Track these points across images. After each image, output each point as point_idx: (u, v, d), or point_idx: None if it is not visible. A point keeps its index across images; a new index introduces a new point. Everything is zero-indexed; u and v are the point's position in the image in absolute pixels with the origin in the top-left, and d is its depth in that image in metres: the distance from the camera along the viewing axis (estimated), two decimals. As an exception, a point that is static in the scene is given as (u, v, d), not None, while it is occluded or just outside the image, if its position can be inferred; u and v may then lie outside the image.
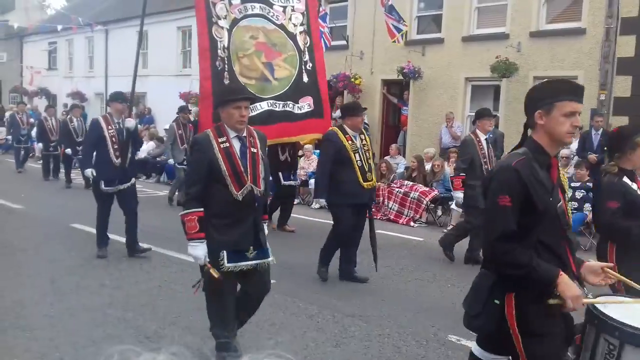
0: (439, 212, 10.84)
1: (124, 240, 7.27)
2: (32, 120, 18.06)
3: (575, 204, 8.74)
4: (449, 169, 11.17)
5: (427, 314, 5.32)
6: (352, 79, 14.44)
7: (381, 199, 10.83)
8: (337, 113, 14.87)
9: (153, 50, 21.65)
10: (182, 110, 11.75)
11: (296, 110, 8.20)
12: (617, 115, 11.03)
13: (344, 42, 15.29)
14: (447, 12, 13.52)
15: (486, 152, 7.18)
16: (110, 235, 8.06)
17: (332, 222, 6.38)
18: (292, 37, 8.22)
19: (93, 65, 24.62)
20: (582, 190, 8.82)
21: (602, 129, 10.12)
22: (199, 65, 7.77)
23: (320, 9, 14.53)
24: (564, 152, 10.27)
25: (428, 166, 11.27)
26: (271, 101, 7.93)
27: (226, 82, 7.46)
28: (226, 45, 7.65)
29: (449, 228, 9.78)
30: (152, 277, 6.15)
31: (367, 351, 4.40)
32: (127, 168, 6.87)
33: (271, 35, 8.09)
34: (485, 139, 7.30)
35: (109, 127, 6.70)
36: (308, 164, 12.68)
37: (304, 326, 4.88)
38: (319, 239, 8.52)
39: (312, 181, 11.94)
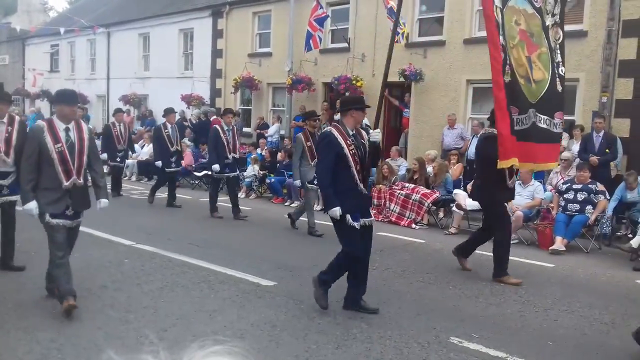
0: (441, 215, 10.84)
1: (126, 242, 7.30)
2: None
3: (577, 206, 8.73)
4: (451, 171, 11.19)
5: (428, 315, 5.32)
6: (354, 81, 14.45)
7: (383, 201, 10.84)
8: (338, 116, 14.88)
9: (155, 52, 21.69)
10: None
11: (554, 129, 6.58)
12: (619, 117, 11.03)
13: (345, 45, 15.31)
14: (448, 14, 13.53)
15: None
16: (112, 237, 8.08)
17: (331, 222, 6.32)
18: (545, 28, 6.56)
19: (95, 67, 24.67)
20: (584, 193, 8.80)
21: (603, 131, 10.12)
22: (492, 68, 5.95)
23: (321, 12, 14.60)
24: (565, 154, 10.28)
25: (429, 168, 11.27)
26: (533, 110, 6.30)
27: (506, 78, 5.92)
28: (501, 31, 5.98)
29: (450, 230, 9.79)
30: (154, 279, 6.15)
31: (369, 353, 4.39)
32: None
33: (530, 21, 6.41)
34: None
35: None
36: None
37: (306, 328, 4.88)
38: (319, 240, 8.54)
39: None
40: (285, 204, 12.34)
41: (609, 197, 8.95)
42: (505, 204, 6.96)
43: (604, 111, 10.78)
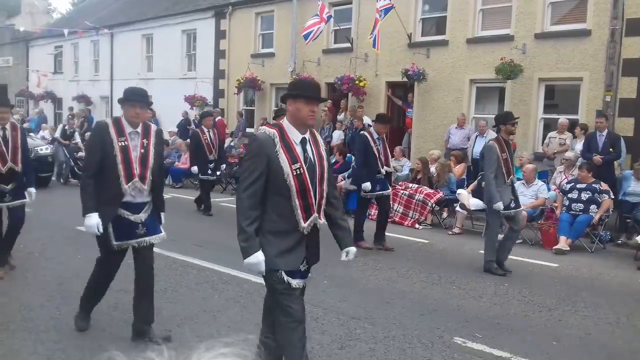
0: (444, 214, 10.83)
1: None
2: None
3: (581, 206, 8.71)
4: (454, 171, 11.17)
5: (432, 316, 5.31)
6: (357, 82, 14.45)
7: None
8: (342, 116, 14.92)
9: (158, 53, 21.74)
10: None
11: None
12: (623, 116, 11.00)
13: (348, 45, 15.31)
14: (451, 14, 13.52)
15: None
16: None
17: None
18: None
19: (98, 68, 24.73)
20: (588, 192, 8.78)
21: (607, 130, 10.09)
22: None
23: (325, 12, 14.59)
24: (568, 154, 10.27)
25: (432, 168, 11.26)
26: None
27: None
28: None
29: (454, 230, 9.77)
30: (157, 280, 6.13)
31: (373, 353, 4.39)
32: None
33: None
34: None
35: None
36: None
37: (309, 328, 4.86)
38: (322, 241, 8.53)
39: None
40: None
41: (613, 197, 8.93)
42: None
43: (607, 110, 10.75)
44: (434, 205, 10.40)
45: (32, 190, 6.26)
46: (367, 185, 8.09)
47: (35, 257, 6.82)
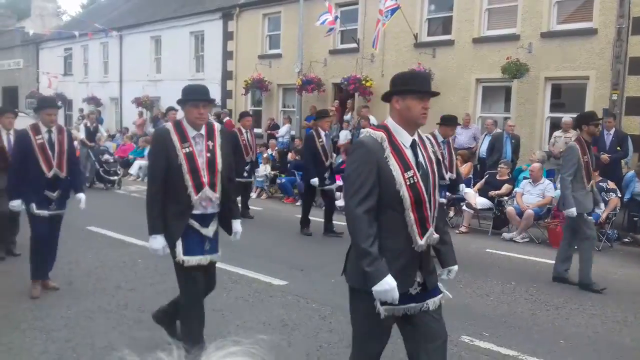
0: (451, 214, 10.83)
1: (139, 242, 7.37)
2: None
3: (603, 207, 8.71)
4: (461, 171, 11.17)
5: (439, 314, 5.33)
6: (363, 82, 14.48)
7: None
8: (349, 116, 14.96)
9: (166, 55, 21.86)
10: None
11: None
12: (630, 115, 10.96)
13: (354, 45, 15.34)
14: (457, 13, 13.52)
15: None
16: (126, 238, 8.17)
17: (342, 222, 6.40)
18: None
19: (108, 70, 24.89)
20: (595, 191, 8.77)
21: (614, 128, 10.07)
22: None
23: (332, 13, 14.64)
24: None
25: (440, 168, 11.26)
26: None
27: None
28: None
29: (461, 229, 9.78)
30: (167, 279, 6.21)
31: (379, 351, 4.42)
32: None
33: None
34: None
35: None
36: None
37: (317, 327, 4.92)
38: (330, 240, 8.58)
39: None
40: (297, 204, 12.39)
41: (620, 195, 8.92)
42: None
43: (614, 109, 10.72)
44: (441, 204, 10.40)
45: (82, 196, 5.83)
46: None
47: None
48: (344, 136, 14.30)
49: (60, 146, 5.63)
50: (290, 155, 14.30)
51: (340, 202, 11.24)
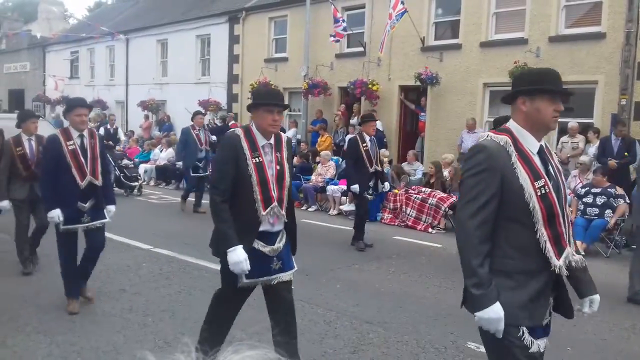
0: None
1: (144, 246, 7.37)
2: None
3: (596, 210, 8.63)
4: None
5: (445, 320, 5.29)
6: (370, 85, 14.46)
7: (399, 205, 10.81)
8: (355, 120, 14.92)
9: (172, 58, 21.92)
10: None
11: None
12: (639, 120, 10.88)
13: (361, 49, 15.32)
14: (464, 17, 13.48)
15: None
16: (131, 242, 8.16)
17: (348, 227, 6.38)
18: None
19: (114, 73, 24.99)
20: (603, 197, 8.70)
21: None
22: None
23: (338, 17, 14.64)
24: (582, 158, 10.17)
25: (446, 172, 11.23)
26: None
27: None
28: None
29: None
30: (172, 283, 6.21)
31: (385, 358, 4.39)
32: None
33: None
34: None
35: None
36: (325, 170, 12.72)
37: (322, 332, 4.89)
38: (336, 245, 8.55)
39: (329, 187, 11.97)
40: (302, 208, 12.36)
41: (629, 201, 8.83)
42: None
43: (623, 114, 10.65)
44: (447, 209, 10.36)
45: (113, 208, 5.44)
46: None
47: (51, 260, 6.88)
48: (350, 140, 14.28)
49: (93, 152, 5.20)
50: (295, 159, 14.27)
51: (345, 207, 11.23)
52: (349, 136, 14.36)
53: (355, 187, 8.30)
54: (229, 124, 15.92)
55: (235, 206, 3.52)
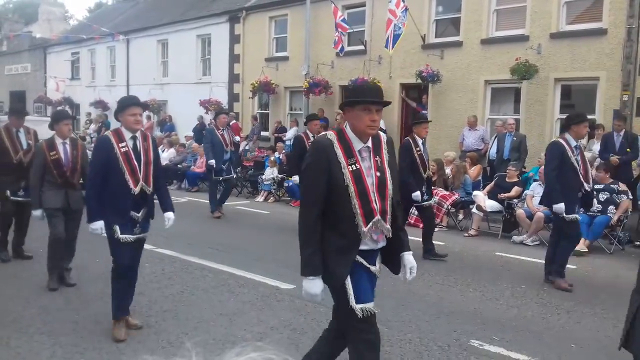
0: (460, 217, 10.77)
1: (146, 246, 7.33)
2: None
3: (599, 207, 8.61)
4: (469, 173, 11.10)
5: (448, 318, 5.28)
6: (371, 84, 14.42)
7: (401, 203, 10.78)
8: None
9: (173, 58, 21.93)
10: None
11: None
12: (641, 116, 10.87)
13: (362, 47, 15.31)
14: (465, 14, 13.46)
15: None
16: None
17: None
18: None
19: (115, 74, 25.00)
20: (606, 193, 8.68)
21: (624, 130, 9.97)
22: None
23: (339, 16, 14.63)
24: (585, 154, 10.14)
25: (448, 170, 11.21)
26: None
27: None
28: None
29: (470, 232, 9.71)
30: (174, 283, 6.21)
31: (389, 356, 4.38)
32: None
33: None
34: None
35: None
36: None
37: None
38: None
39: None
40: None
41: (631, 197, 8.82)
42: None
43: (625, 110, 10.62)
44: (449, 207, 10.35)
45: (171, 215, 4.98)
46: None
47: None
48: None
49: (147, 155, 4.70)
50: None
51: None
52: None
53: (417, 195, 7.63)
54: (230, 123, 15.90)
55: (329, 223, 3.06)
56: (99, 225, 4.56)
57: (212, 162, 10.45)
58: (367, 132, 3.05)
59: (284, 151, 15.02)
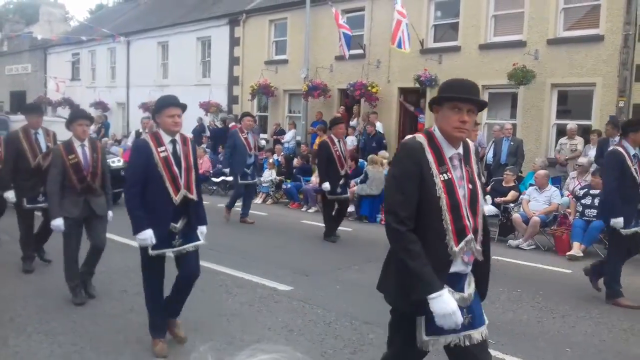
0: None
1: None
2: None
3: (595, 212, 8.65)
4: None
5: (444, 321, 5.31)
6: (369, 87, 14.50)
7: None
8: (355, 122, 14.97)
9: (173, 60, 21.98)
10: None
11: None
12: (637, 122, 10.92)
13: (360, 51, 15.37)
14: (463, 20, 13.53)
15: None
16: (132, 242, 8.19)
17: (348, 229, 6.41)
18: None
19: (115, 75, 25.05)
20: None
21: (618, 136, 10.02)
22: None
23: (340, 19, 14.69)
24: (581, 159, 10.22)
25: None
26: None
27: None
28: None
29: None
30: (172, 284, 6.22)
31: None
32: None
33: None
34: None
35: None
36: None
37: (322, 333, 4.92)
38: (335, 246, 8.58)
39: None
40: (302, 209, 12.42)
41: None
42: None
43: (621, 116, 10.69)
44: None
45: (204, 229, 4.55)
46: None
47: (53, 261, 6.91)
48: (350, 142, 14.30)
49: (187, 160, 4.31)
50: (295, 161, 14.32)
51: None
52: (349, 138, 14.43)
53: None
54: (229, 125, 15.95)
55: (422, 239, 2.60)
56: (149, 234, 4.16)
57: (227, 170, 10.69)
58: (454, 135, 2.61)
59: (282, 153, 15.07)
